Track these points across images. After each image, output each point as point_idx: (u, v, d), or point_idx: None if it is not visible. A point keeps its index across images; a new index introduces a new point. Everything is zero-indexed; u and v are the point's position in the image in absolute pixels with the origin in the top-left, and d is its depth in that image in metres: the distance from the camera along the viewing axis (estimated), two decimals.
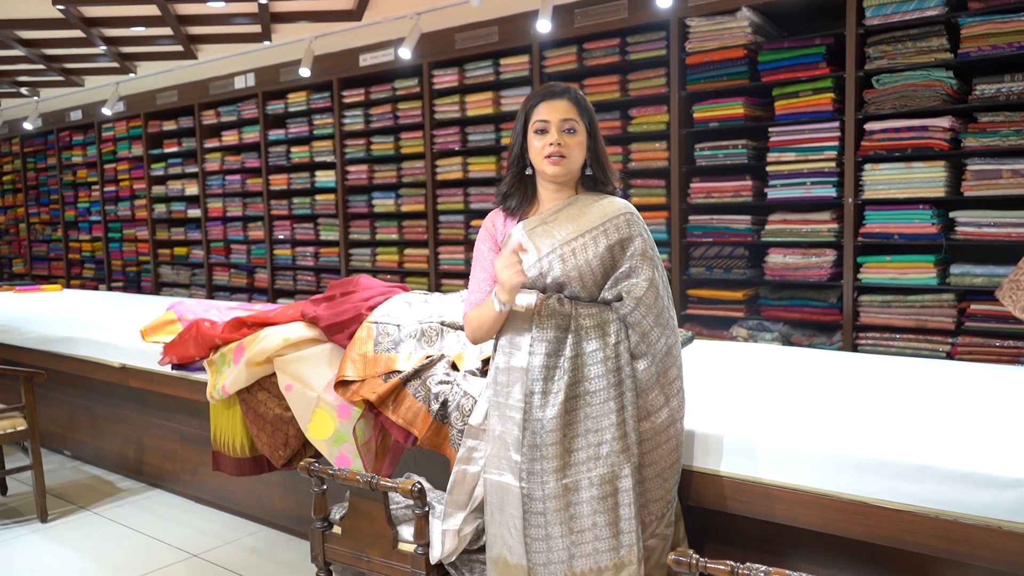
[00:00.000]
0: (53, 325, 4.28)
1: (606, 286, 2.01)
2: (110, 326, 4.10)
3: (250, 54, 6.44)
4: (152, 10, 5.40)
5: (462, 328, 2.77)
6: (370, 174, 5.93)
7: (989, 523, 1.68)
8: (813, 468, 1.89)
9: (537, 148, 2.02)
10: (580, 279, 2.00)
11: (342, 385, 2.56)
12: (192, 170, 7.23)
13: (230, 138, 6.84)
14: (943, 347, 3.68)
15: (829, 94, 3.89)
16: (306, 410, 2.65)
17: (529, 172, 2.09)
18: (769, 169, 4.09)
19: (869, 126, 3.80)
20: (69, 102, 8.36)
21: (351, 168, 6.03)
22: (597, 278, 2.00)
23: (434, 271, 5.61)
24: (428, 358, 2.54)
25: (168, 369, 3.35)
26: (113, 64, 6.95)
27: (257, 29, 5.87)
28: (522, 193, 2.12)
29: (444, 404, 2.37)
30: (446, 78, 5.34)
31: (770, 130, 4.08)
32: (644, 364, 1.97)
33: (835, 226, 3.93)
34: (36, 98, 8.55)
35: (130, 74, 7.27)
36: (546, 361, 1.97)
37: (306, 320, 2.88)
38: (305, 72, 5.67)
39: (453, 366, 2.55)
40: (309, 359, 2.75)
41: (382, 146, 5.82)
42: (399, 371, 2.50)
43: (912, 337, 3.76)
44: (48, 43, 6.34)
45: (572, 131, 2.01)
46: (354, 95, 5.88)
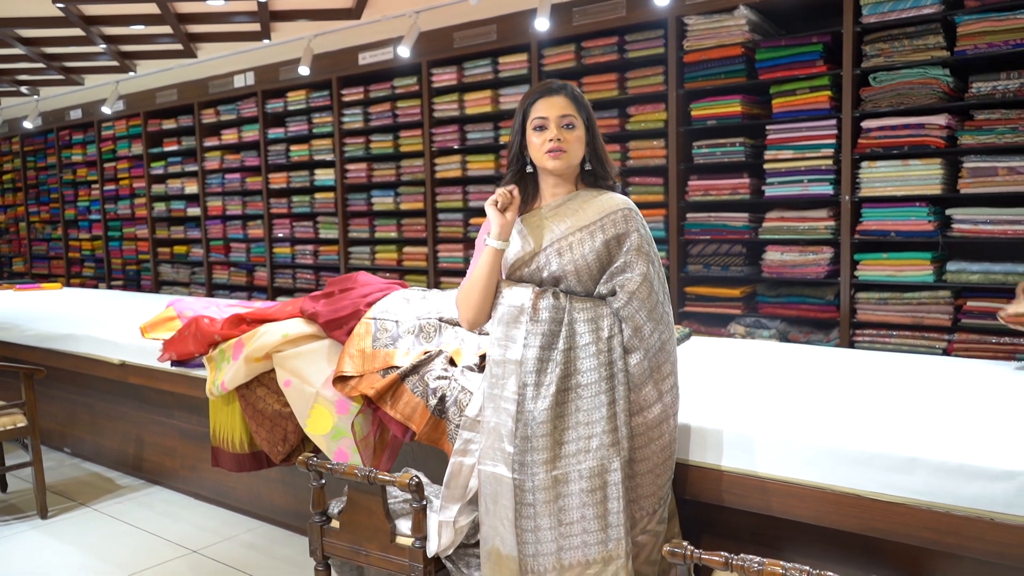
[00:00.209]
0: (53, 322, 4.29)
1: (601, 280, 2.03)
2: (110, 323, 4.11)
3: (249, 53, 6.45)
4: (152, 8, 5.42)
5: (460, 324, 2.79)
6: (369, 172, 5.94)
7: (980, 515, 1.69)
8: (807, 461, 1.91)
9: (537, 144, 2.04)
10: (576, 273, 2.02)
11: (340, 381, 2.57)
12: (192, 169, 7.25)
13: (229, 137, 6.85)
14: (939, 344, 3.70)
15: (826, 92, 3.91)
16: (305, 406, 2.66)
17: (530, 169, 2.11)
18: (766, 167, 4.10)
19: (866, 124, 3.82)
20: (69, 101, 8.38)
21: (350, 166, 6.04)
22: (593, 273, 2.02)
23: (433, 269, 5.63)
24: (426, 354, 2.56)
25: (167, 366, 3.36)
26: (113, 63, 6.96)
27: (256, 27, 5.89)
28: (523, 190, 2.14)
29: (442, 399, 2.38)
30: (445, 76, 5.35)
31: (767, 128, 4.10)
32: (637, 358, 1.98)
33: (832, 223, 3.95)
34: (36, 97, 8.56)
35: (130, 73, 7.28)
36: (540, 354, 1.99)
37: (305, 316, 2.89)
38: (304, 71, 5.68)
39: (451, 362, 2.56)
40: (308, 355, 2.76)
41: (381, 144, 5.83)
42: (397, 367, 2.51)
43: (909, 334, 3.78)
44: (48, 42, 6.36)
45: (571, 126, 2.03)
46: (353, 93, 5.89)
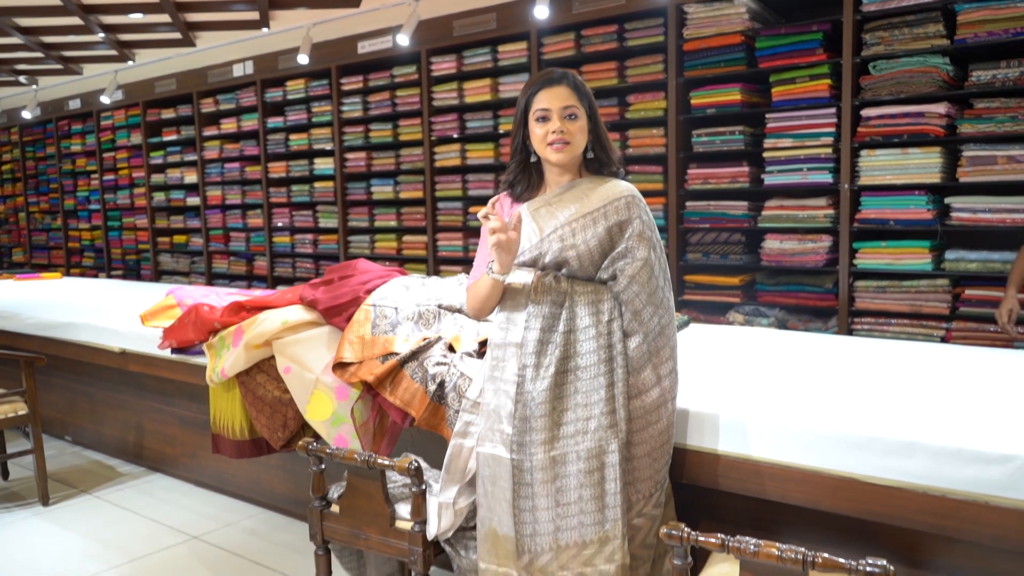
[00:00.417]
0: (53, 311, 4.30)
1: (603, 265, 2.04)
2: (110, 312, 4.12)
3: (248, 41, 6.44)
4: None
5: (459, 311, 2.80)
6: (368, 161, 5.94)
7: (977, 498, 1.70)
8: (804, 445, 1.92)
9: (539, 136, 2.04)
10: (578, 258, 2.03)
11: (340, 367, 2.59)
12: (191, 158, 7.24)
13: (229, 126, 6.84)
14: (938, 332, 3.70)
15: (826, 80, 3.90)
16: (304, 392, 2.67)
17: (533, 159, 2.12)
18: (766, 155, 4.10)
19: (865, 112, 3.81)
20: (68, 91, 8.36)
21: (349, 155, 6.04)
22: (595, 258, 2.03)
23: (432, 258, 5.63)
24: (425, 340, 2.56)
25: (168, 353, 3.38)
26: (111, 52, 6.95)
27: (255, 16, 5.87)
28: (527, 179, 2.15)
29: (441, 385, 2.39)
30: (444, 65, 5.35)
31: (767, 116, 4.09)
32: (636, 342, 1.99)
33: (831, 212, 3.95)
34: (35, 87, 8.55)
35: (128, 62, 7.27)
36: (540, 336, 2.01)
37: (304, 303, 2.90)
38: (303, 59, 5.67)
39: (450, 348, 2.57)
40: (307, 342, 2.77)
41: (380, 133, 5.83)
42: (396, 353, 2.52)
43: (907, 322, 3.79)
44: (46, 31, 6.34)
45: (573, 117, 2.03)
46: (352, 82, 5.88)
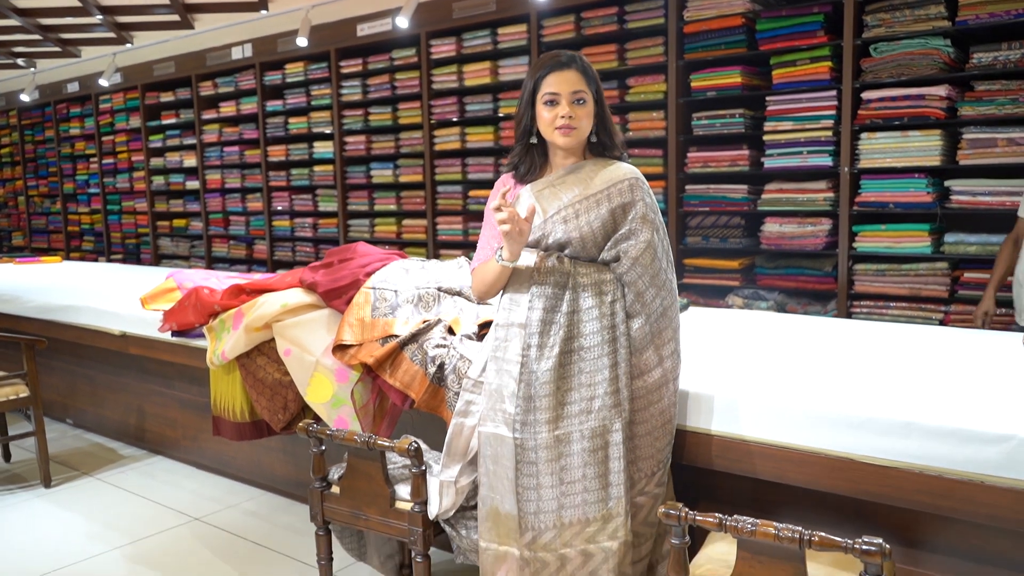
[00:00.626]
0: (54, 294, 4.31)
1: (606, 247, 2.05)
2: (110, 295, 4.13)
3: (247, 24, 6.41)
4: None
5: (459, 294, 2.80)
6: (368, 145, 5.92)
7: (972, 478, 1.71)
8: (801, 426, 1.93)
9: (547, 119, 2.04)
10: (581, 240, 2.04)
11: (340, 349, 2.59)
12: (190, 142, 7.22)
13: (228, 109, 6.82)
14: (936, 315, 3.71)
15: (827, 63, 3.89)
16: (305, 374, 2.68)
17: (534, 141, 2.12)
18: (766, 138, 4.09)
19: (866, 95, 3.80)
20: (66, 74, 8.33)
21: (349, 139, 6.02)
22: (598, 240, 2.04)
23: (432, 241, 5.63)
24: (425, 323, 2.57)
25: (168, 336, 3.38)
26: (110, 34, 6.91)
27: None
28: (531, 161, 2.16)
29: (441, 367, 2.40)
30: (444, 48, 5.32)
31: (767, 99, 4.08)
32: (638, 323, 2.01)
33: (831, 195, 3.95)
34: (33, 70, 8.51)
35: (127, 45, 7.23)
36: (544, 316, 2.02)
37: (304, 286, 2.90)
38: (302, 42, 5.65)
39: (450, 331, 2.58)
40: (307, 324, 2.78)
41: (380, 117, 5.81)
42: (396, 335, 2.53)
43: (906, 305, 3.80)
44: (44, 12, 6.31)
45: (582, 102, 2.04)
46: (352, 65, 5.86)
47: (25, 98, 8.34)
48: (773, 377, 2.18)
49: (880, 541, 1.45)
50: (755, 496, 2.16)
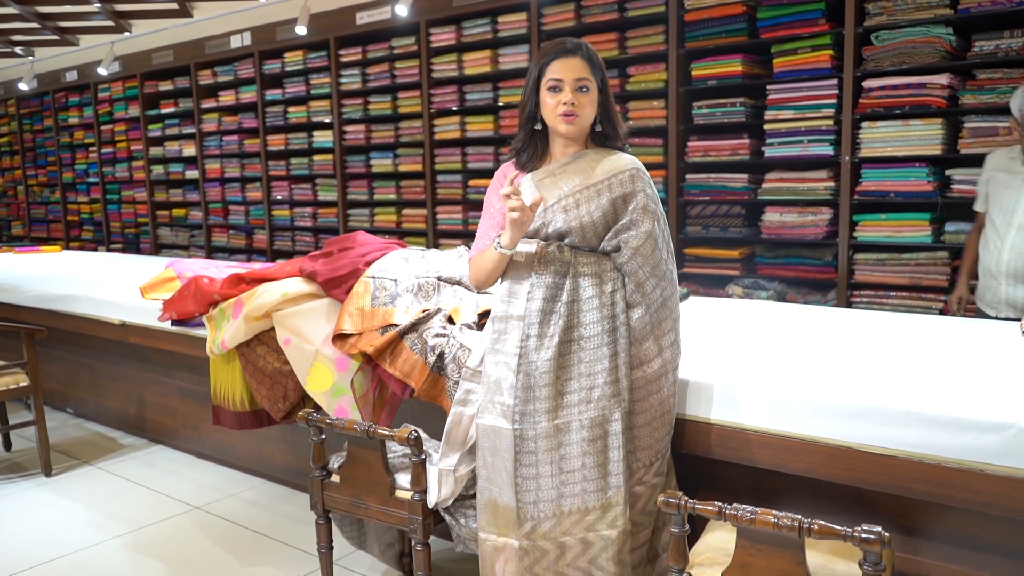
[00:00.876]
0: (53, 284, 4.30)
1: (606, 237, 2.04)
2: (110, 284, 4.12)
3: (246, 12, 6.38)
4: None
5: (458, 283, 2.80)
6: (368, 134, 5.91)
7: (971, 466, 1.71)
8: (801, 415, 1.93)
9: (550, 106, 2.04)
10: (581, 230, 2.03)
11: (340, 339, 2.59)
12: (189, 131, 7.20)
13: (227, 98, 6.80)
14: (936, 304, 3.71)
15: (828, 51, 3.87)
16: (304, 363, 2.69)
17: (539, 127, 2.11)
18: (767, 127, 4.08)
19: (867, 83, 3.79)
20: (64, 62, 8.30)
21: (348, 128, 6.01)
22: (598, 230, 2.04)
23: (432, 231, 5.62)
24: (425, 312, 2.57)
25: (168, 325, 3.38)
26: (108, 23, 6.89)
27: None
28: (533, 148, 2.15)
29: (440, 356, 2.40)
30: (443, 36, 5.30)
31: (768, 88, 4.07)
32: (638, 313, 2.01)
33: (831, 184, 3.94)
34: (31, 58, 8.48)
35: (125, 33, 7.20)
36: (543, 306, 2.01)
37: (304, 275, 2.90)
38: (301, 31, 5.62)
39: (450, 320, 2.58)
40: (307, 313, 2.77)
41: (379, 106, 5.80)
42: (396, 325, 2.53)
43: (906, 295, 3.79)
44: (42, 0, 6.28)
45: (585, 89, 2.03)
46: (351, 54, 5.84)
47: (24, 87, 8.31)
48: (773, 366, 2.18)
49: (879, 529, 1.45)
50: (755, 485, 2.17)
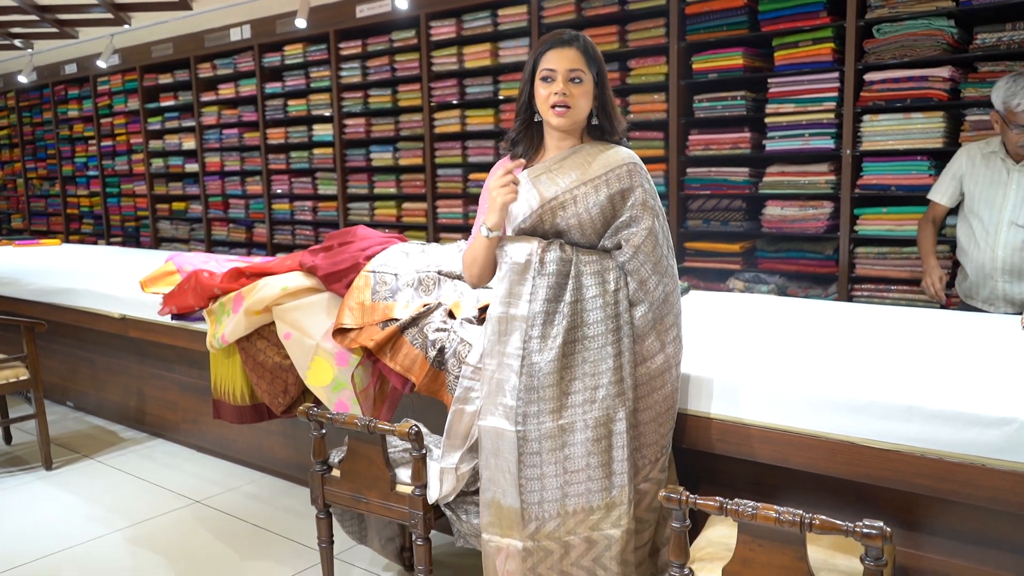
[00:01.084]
0: (53, 277, 4.30)
1: (606, 235, 2.03)
2: (110, 278, 4.12)
3: (245, 5, 6.35)
4: None
5: (459, 277, 2.79)
6: (368, 128, 5.89)
7: (974, 461, 1.71)
8: (802, 409, 1.93)
9: (543, 96, 2.03)
10: (580, 227, 2.02)
11: (340, 333, 2.59)
12: (189, 124, 7.19)
13: (227, 91, 6.78)
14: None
15: (829, 44, 3.86)
16: (305, 358, 2.68)
17: (537, 119, 2.10)
18: (768, 121, 4.07)
19: (869, 76, 3.78)
20: (63, 55, 8.28)
21: (348, 121, 5.99)
22: (597, 227, 2.02)
23: (432, 225, 5.61)
24: (425, 306, 2.56)
25: (168, 319, 3.38)
26: (107, 15, 6.86)
27: None
28: (529, 140, 2.14)
29: (441, 351, 2.39)
30: (444, 29, 5.28)
31: (769, 81, 4.05)
32: (641, 311, 2.00)
33: (833, 178, 3.93)
34: (30, 51, 8.46)
35: (124, 26, 7.18)
36: (546, 307, 2.00)
37: (304, 270, 2.90)
38: (301, 24, 5.59)
39: (450, 314, 2.57)
40: (307, 308, 2.77)
41: (379, 99, 5.78)
42: (396, 319, 2.52)
43: (907, 289, 3.79)
44: None
45: (578, 80, 2.01)
46: (351, 47, 5.82)
47: (23, 80, 8.29)
48: (774, 361, 2.17)
49: (881, 524, 1.45)
50: (756, 480, 2.16)
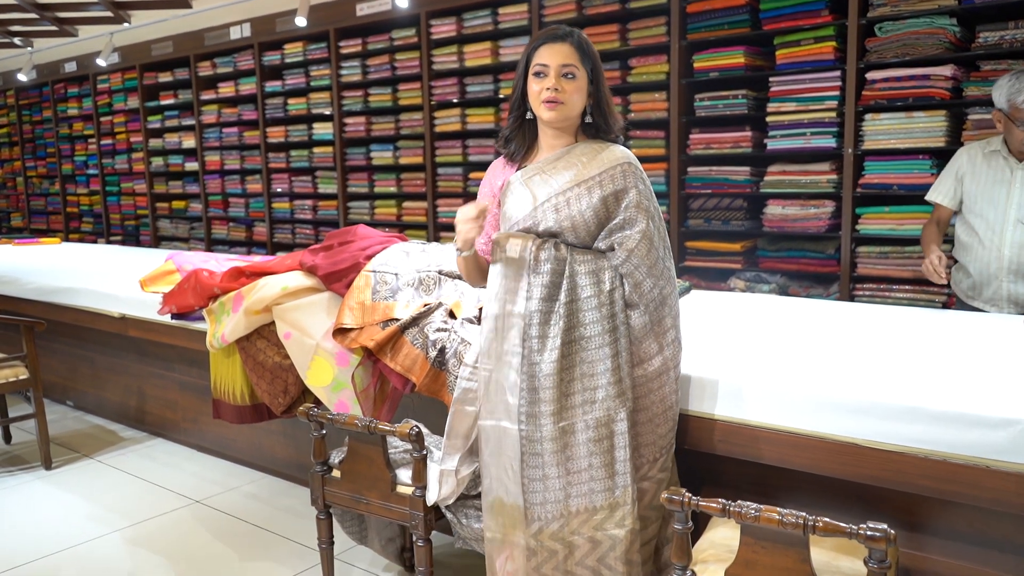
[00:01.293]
0: (53, 276, 4.29)
1: (600, 236, 2.01)
2: (109, 277, 4.11)
3: (245, 3, 6.34)
4: None
5: (459, 277, 2.78)
6: (368, 126, 5.88)
7: (977, 462, 1.70)
8: (805, 410, 1.91)
9: (535, 92, 2.01)
10: (573, 229, 2.00)
11: (340, 333, 2.58)
12: (189, 123, 7.17)
13: (227, 90, 6.76)
14: (939, 298, 3.70)
15: (831, 43, 3.84)
16: (305, 358, 2.67)
17: (530, 116, 2.08)
18: (769, 120, 4.06)
19: (871, 75, 3.76)
20: (63, 53, 8.26)
21: (349, 120, 5.98)
22: (591, 228, 2.01)
23: (432, 224, 5.60)
24: (426, 306, 2.56)
25: (167, 319, 3.37)
26: (107, 13, 6.85)
27: None
28: (522, 138, 2.12)
29: (442, 351, 2.39)
30: (444, 28, 5.27)
31: (771, 80, 4.04)
32: (637, 313, 1.99)
33: (834, 177, 3.92)
34: (30, 49, 8.44)
35: (124, 24, 7.17)
36: (542, 306, 1.99)
37: (304, 269, 2.89)
38: (301, 22, 5.57)
39: (451, 314, 2.56)
40: (307, 307, 2.76)
41: (380, 98, 5.77)
42: (397, 319, 2.52)
43: (909, 288, 3.78)
44: None
45: (571, 76, 1.99)
46: (351, 46, 5.80)
47: (22, 78, 8.28)
48: (776, 361, 2.16)
49: (884, 526, 1.44)
50: (759, 481, 2.15)
